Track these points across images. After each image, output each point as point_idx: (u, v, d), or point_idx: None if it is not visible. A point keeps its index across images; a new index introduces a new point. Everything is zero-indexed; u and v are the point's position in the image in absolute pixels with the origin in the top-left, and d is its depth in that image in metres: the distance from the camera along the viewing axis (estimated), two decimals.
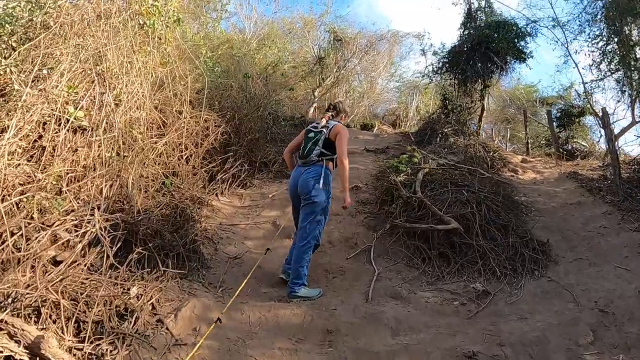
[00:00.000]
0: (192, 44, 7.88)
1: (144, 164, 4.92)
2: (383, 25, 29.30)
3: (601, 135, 14.45)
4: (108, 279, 3.48)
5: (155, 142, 5.27)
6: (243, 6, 17.04)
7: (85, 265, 3.62)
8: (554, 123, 11.83)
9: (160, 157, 5.33)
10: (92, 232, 3.79)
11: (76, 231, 3.76)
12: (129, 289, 3.49)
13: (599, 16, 11.10)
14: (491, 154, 9.01)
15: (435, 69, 12.17)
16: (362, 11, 45.03)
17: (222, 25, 13.19)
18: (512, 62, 11.15)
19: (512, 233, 5.06)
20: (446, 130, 9.73)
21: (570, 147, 12.19)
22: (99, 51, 4.83)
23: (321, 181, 4.05)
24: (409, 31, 20.11)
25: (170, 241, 4.10)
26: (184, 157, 5.78)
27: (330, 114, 4.48)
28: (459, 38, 11.93)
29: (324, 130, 4.22)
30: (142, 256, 3.86)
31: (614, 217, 5.82)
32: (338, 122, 4.38)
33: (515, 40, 10.87)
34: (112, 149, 4.54)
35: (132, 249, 3.88)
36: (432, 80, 12.58)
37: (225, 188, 6.24)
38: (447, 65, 11.84)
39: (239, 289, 3.74)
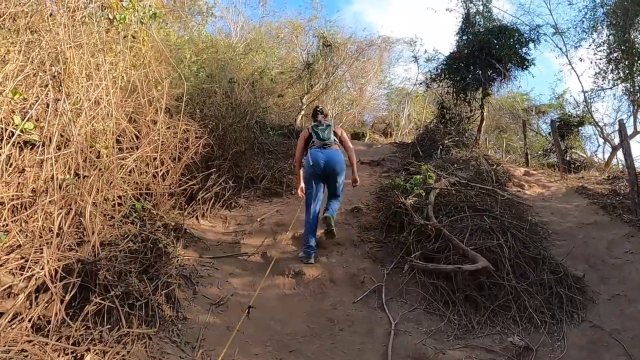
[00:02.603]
0: (174, 45, 7.15)
1: (110, 184, 4.11)
2: (373, 31, 28.75)
3: (599, 145, 14.11)
4: (56, 343, 2.76)
5: (125, 158, 4.45)
6: (230, 10, 16.30)
7: (30, 320, 2.88)
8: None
9: (130, 175, 4.52)
10: (39, 276, 3.00)
11: (22, 274, 3.01)
12: (82, 357, 2.71)
13: (600, 23, 10.69)
14: (494, 167, 8.38)
15: (433, 75, 11.59)
16: (350, 16, 44.69)
17: (207, 29, 12.49)
18: (514, 69, 10.63)
19: (545, 268, 4.33)
20: (447, 141, 9.02)
21: (568, 158, 11.77)
22: (57, 49, 4.01)
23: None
24: (400, 37, 19.53)
25: (137, 286, 3.27)
26: (160, 174, 4.97)
27: (322, 116, 5.18)
28: (456, 44, 11.44)
29: (331, 124, 5.09)
30: (101, 307, 3.06)
31: (638, 240, 5.33)
32: None
33: (518, 46, 10.35)
34: (69, 168, 3.72)
35: (90, 297, 3.08)
36: (428, 87, 11.98)
37: (207, 209, 5.43)
38: (444, 72, 11.28)
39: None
